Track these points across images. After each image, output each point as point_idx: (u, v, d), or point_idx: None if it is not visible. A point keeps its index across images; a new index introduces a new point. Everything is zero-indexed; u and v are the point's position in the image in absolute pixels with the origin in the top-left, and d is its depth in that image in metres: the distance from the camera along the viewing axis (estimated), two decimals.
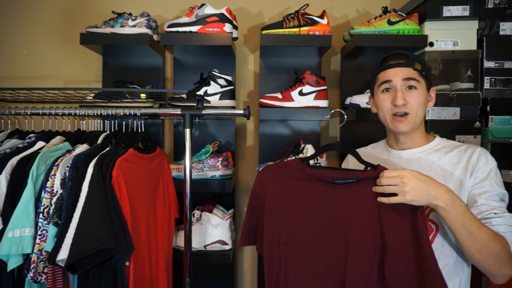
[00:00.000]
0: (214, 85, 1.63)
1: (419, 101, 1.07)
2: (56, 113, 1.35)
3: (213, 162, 1.64)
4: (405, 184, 0.91)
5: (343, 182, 1.01)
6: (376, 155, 1.22)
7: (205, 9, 1.58)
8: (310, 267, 0.99)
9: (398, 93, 1.07)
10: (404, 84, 1.08)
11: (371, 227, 0.97)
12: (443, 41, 1.60)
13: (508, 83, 1.62)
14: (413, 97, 1.07)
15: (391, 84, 1.09)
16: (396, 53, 1.12)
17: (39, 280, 1.12)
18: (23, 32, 1.91)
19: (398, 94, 1.07)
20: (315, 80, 1.61)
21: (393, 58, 1.11)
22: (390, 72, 1.09)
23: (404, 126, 1.09)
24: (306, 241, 1.00)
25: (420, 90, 1.08)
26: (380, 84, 1.11)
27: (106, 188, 1.11)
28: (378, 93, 1.13)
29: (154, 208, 1.37)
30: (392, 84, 1.09)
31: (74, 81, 1.91)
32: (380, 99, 1.12)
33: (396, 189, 0.92)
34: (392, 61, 1.10)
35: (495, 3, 1.60)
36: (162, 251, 1.39)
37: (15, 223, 1.11)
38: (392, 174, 0.93)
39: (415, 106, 1.07)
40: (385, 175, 0.94)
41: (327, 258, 0.98)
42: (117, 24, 1.60)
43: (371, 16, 1.77)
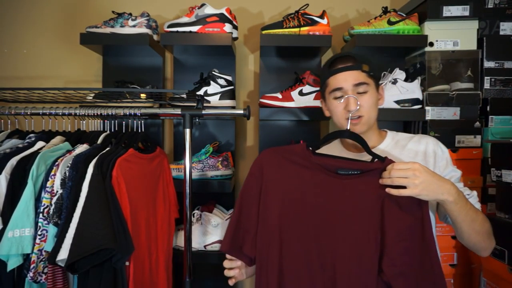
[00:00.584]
0: (214, 85, 1.63)
1: (370, 103, 1.09)
2: (56, 113, 1.35)
3: (213, 162, 1.64)
4: (416, 177, 0.91)
5: (347, 173, 0.99)
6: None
7: (205, 9, 1.58)
8: (308, 260, 0.97)
9: (350, 99, 1.07)
10: (355, 89, 1.08)
11: (373, 220, 0.95)
12: (443, 41, 1.60)
13: (508, 83, 1.62)
14: (364, 100, 1.08)
15: (343, 90, 1.09)
16: (342, 56, 1.12)
17: (39, 280, 1.12)
18: (23, 32, 1.91)
19: (350, 100, 1.07)
20: (315, 80, 1.61)
21: (340, 61, 1.11)
22: (339, 77, 1.09)
23: (359, 128, 1.09)
24: (304, 232, 0.98)
25: (370, 92, 1.09)
26: (332, 90, 1.11)
27: (106, 188, 1.12)
28: (330, 99, 1.12)
29: (154, 208, 1.37)
30: (343, 91, 1.09)
31: (74, 81, 1.91)
32: (333, 106, 1.12)
33: (407, 181, 0.91)
34: (340, 65, 1.10)
35: (495, 3, 1.60)
36: (162, 251, 1.39)
37: (15, 223, 1.11)
38: (404, 167, 0.92)
39: (367, 108, 1.08)
40: (395, 167, 0.93)
41: (325, 251, 0.96)
42: (117, 24, 1.60)
43: (371, 16, 1.77)
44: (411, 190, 0.91)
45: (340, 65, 1.10)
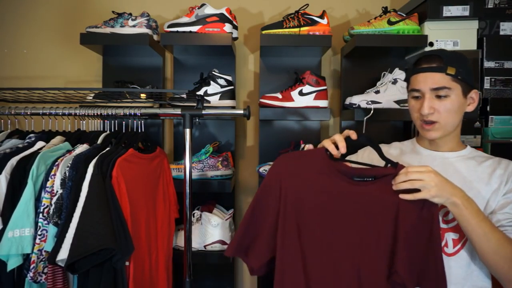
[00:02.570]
0: (214, 85, 1.63)
1: (449, 109, 1.03)
2: (56, 113, 1.35)
3: (213, 162, 1.64)
4: (432, 180, 0.91)
5: (362, 180, 0.99)
6: (407, 151, 1.18)
7: (205, 9, 1.58)
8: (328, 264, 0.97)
9: (425, 102, 1.02)
10: (433, 93, 1.03)
11: (386, 226, 0.96)
12: (443, 41, 1.60)
13: (508, 83, 1.62)
14: (442, 105, 1.02)
15: (420, 92, 1.05)
16: (429, 55, 1.05)
17: (39, 280, 1.12)
18: (23, 32, 1.91)
19: (425, 104, 1.02)
20: (315, 80, 1.61)
21: (425, 60, 1.05)
22: (420, 78, 1.04)
23: (433, 134, 1.06)
24: (323, 238, 0.98)
25: (452, 97, 1.02)
26: (410, 90, 1.08)
27: (106, 188, 1.11)
28: (409, 98, 1.10)
29: (154, 208, 1.37)
30: (420, 93, 1.05)
31: (74, 81, 1.91)
32: (411, 105, 1.09)
33: (421, 184, 0.92)
34: (424, 64, 1.04)
35: (495, 3, 1.60)
36: (162, 251, 1.39)
37: (15, 223, 1.11)
38: (419, 169, 0.93)
39: (444, 114, 1.03)
40: (411, 169, 0.93)
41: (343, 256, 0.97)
42: (117, 24, 1.60)
43: (371, 16, 1.77)
44: (426, 192, 0.91)
45: (424, 65, 1.04)
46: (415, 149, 1.17)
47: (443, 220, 1.04)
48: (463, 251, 1.03)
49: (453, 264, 1.03)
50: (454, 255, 1.03)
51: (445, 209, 1.04)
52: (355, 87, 1.77)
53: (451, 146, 1.11)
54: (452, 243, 1.03)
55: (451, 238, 1.04)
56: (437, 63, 1.02)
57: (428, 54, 1.05)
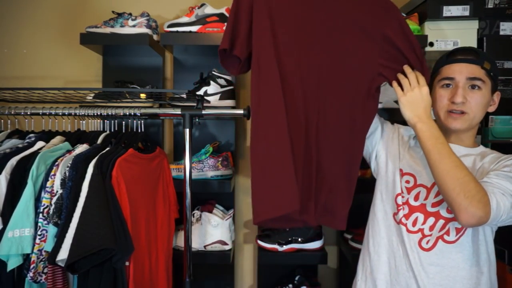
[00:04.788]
0: (214, 85, 1.63)
1: (480, 102, 1.04)
2: (56, 113, 1.35)
3: (213, 162, 1.64)
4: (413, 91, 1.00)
5: None
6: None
7: (205, 9, 1.58)
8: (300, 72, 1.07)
9: (459, 90, 1.03)
10: (467, 83, 1.03)
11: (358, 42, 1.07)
12: (443, 41, 1.60)
13: (508, 83, 1.61)
14: (474, 97, 1.03)
15: (454, 81, 1.05)
16: (465, 48, 1.08)
17: (39, 280, 1.13)
18: (23, 32, 1.90)
19: (459, 91, 1.03)
20: None
21: (461, 52, 1.07)
22: (455, 67, 1.05)
23: (459, 124, 1.06)
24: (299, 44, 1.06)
25: (483, 91, 1.04)
26: (442, 79, 1.07)
27: (106, 188, 1.12)
28: (437, 88, 1.09)
29: (154, 208, 1.37)
30: (454, 81, 1.05)
31: (74, 81, 1.91)
32: (438, 94, 1.08)
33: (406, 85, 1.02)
34: (460, 56, 1.06)
35: (495, 3, 1.60)
36: (162, 251, 1.39)
37: (15, 223, 1.11)
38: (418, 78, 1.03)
39: (474, 106, 1.04)
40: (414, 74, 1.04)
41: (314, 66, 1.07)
42: (117, 24, 1.60)
43: None
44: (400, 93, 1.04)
45: (460, 56, 1.06)
46: None
47: (447, 210, 1.05)
48: (463, 238, 1.04)
49: (453, 250, 1.04)
50: (454, 243, 1.05)
51: None
52: None
53: (468, 143, 1.12)
54: (455, 231, 1.05)
55: (454, 227, 1.05)
56: (474, 56, 1.04)
57: (463, 48, 1.08)
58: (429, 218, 1.07)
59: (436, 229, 1.06)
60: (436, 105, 1.11)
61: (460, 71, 1.04)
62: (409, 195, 1.11)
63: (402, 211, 1.10)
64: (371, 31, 1.07)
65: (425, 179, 1.11)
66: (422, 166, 1.12)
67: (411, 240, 1.08)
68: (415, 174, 1.13)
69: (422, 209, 1.09)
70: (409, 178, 1.13)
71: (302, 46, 1.06)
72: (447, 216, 1.05)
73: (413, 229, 1.08)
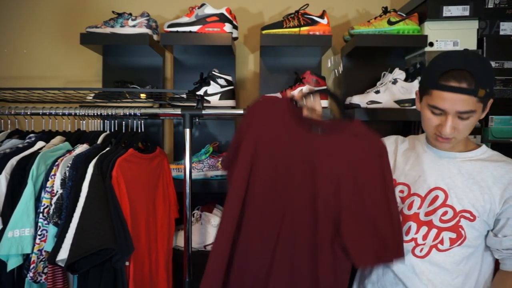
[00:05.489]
0: (214, 85, 1.63)
1: (469, 127, 1.01)
2: (56, 113, 1.35)
3: (213, 162, 1.64)
4: None
5: (319, 132, 1.05)
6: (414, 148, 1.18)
7: (205, 9, 1.58)
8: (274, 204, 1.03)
9: (448, 123, 0.98)
10: (457, 114, 0.97)
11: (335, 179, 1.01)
12: (443, 41, 1.60)
13: (508, 83, 1.62)
14: (463, 125, 0.99)
15: (444, 112, 0.99)
16: (461, 70, 0.94)
17: (39, 280, 1.13)
18: (23, 32, 1.90)
19: (448, 125, 0.98)
20: (315, 80, 1.61)
21: (455, 77, 0.94)
22: (447, 98, 0.96)
23: (446, 146, 1.05)
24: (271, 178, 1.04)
25: (473, 118, 0.99)
26: (431, 105, 1.00)
27: (106, 188, 1.12)
28: (426, 109, 1.03)
29: (154, 208, 1.37)
30: (444, 113, 0.99)
31: (74, 81, 1.91)
32: (426, 117, 1.04)
33: None
34: (453, 82, 0.94)
35: (495, 3, 1.60)
36: (162, 251, 1.39)
37: (15, 223, 1.11)
38: None
39: (462, 133, 1.01)
40: None
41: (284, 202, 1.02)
42: (117, 24, 1.60)
43: (371, 16, 1.77)
44: None
45: (453, 83, 0.94)
46: (423, 147, 1.16)
47: (441, 220, 1.05)
48: (456, 249, 1.04)
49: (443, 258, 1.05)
50: (446, 251, 1.05)
51: (443, 209, 1.05)
52: (355, 87, 1.77)
53: (459, 148, 1.10)
54: (448, 241, 1.04)
55: (448, 237, 1.04)
56: (468, 84, 0.93)
57: (456, 68, 0.95)
58: (422, 227, 1.07)
59: (430, 238, 1.06)
60: (424, 123, 1.07)
61: (453, 104, 0.96)
62: (403, 205, 1.11)
63: None
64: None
65: (418, 188, 1.10)
66: (415, 175, 1.11)
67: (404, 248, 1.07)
68: (409, 184, 1.12)
69: (415, 218, 1.08)
70: (403, 187, 1.13)
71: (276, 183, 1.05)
72: (440, 225, 1.05)
73: (406, 238, 1.08)
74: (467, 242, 1.04)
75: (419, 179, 1.10)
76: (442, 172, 1.08)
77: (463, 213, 1.03)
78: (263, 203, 1.03)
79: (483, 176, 1.04)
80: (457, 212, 1.03)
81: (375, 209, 1.00)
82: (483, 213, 1.02)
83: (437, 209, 1.05)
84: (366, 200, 1.00)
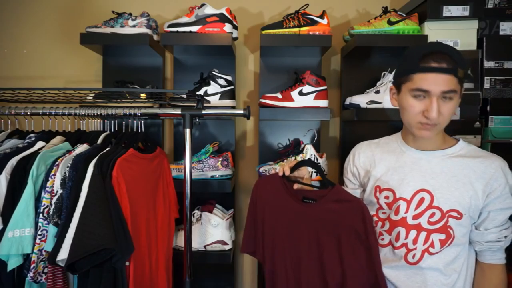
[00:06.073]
0: (214, 85, 1.63)
1: (452, 111, 1.00)
2: (56, 113, 1.35)
3: (213, 162, 1.64)
4: None
5: (308, 202, 1.15)
6: (391, 150, 1.17)
7: (205, 9, 1.58)
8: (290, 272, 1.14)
9: (434, 105, 0.97)
10: (441, 95, 0.97)
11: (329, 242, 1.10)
12: (443, 41, 1.60)
13: (508, 83, 1.62)
14: (447, 108, 0.99)
15: (428, 93, 0.98)
16: (439, 52, 0.97)
17: (39, 280, 1.13)
18: (23, 32, 1.91)
19: (434, 107, 0.97)
20: (315, 80, 1.61)
21: (435, 59, 0.96)
22: (429, 79, 0.96)
23: (430, 134, 1.03)
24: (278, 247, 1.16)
25: (455, 100, 0.99)
26: (415, 89, 0.99)
27: (106, 188, 1.11)
28: (408, 96, 1.02)
29: (154, 208, 1.37)
30: (428, 94, 0.98)
31: (74, 81, 1.91)
32: (409, 104, 1.01)
33: None
34: (433, 63, 0.96)
35: (495, 3, 1.60)
36: (162, 251, 1.39)
37: (15, 223, 1.11)
38: None
39: (446, 117, 1.00)
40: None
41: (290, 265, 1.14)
42: (117, 24, 1.60)
43: (371, 16, 1.77)
44: None
45: (434, 64, 0.96)
46: (400, 148, 1.15)
47: (429, 222, 1.05)
48: (447, 249, 1.05)
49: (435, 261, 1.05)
50: (437, 253, 1.05)
51: (430, 210, 1.05)
52: (355, 87, 1.77)
53: (438, 144, 1.10)
54: (439, 243, 1.05)
55: (437, 239, 1.04)
56: (448, 64, 0.95)
57: (435, 50, 0.97)
58: (411, 231, 1.06)
59: (420, 242, 1.05)
60: (406, 113, 1.05)
61: (435, 83, 0.96)
62: (390, 210, 1.10)
63: (382, 228, 1.12)
64: None
65: (403, 192, 1.09)
66: (398, 179, 1.11)
67: (396, 255, 1.08)
68: (393, 188, 1.11)
69: (403, 223, 1.07)
70: (387, 193, 1.12)
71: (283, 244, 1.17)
72: (429, 227, 1.05)
73: (397, 245, 1.08)
74: (456, 240, 1.04)
75: (402, 183, 1.09)
76: (424, 173, 1.08)
77: (450, 213, 1.03)
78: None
79: (465, 172, 1.05)
80: (445, 212, 1.04)
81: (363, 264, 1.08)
82: (468, 209, 1.03)
83: (425, 211, 1.05)
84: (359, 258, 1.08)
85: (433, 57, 0.96)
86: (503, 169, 1.04)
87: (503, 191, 1.03)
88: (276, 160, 1.72)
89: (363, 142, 1.26)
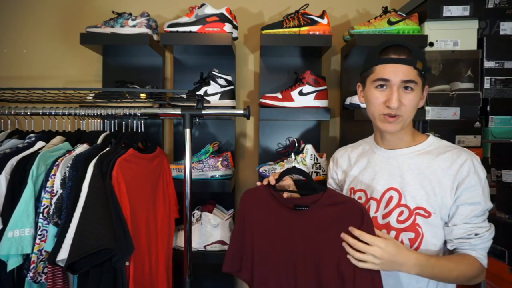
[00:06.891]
0: (214, 85, 1.63)
1: (413, 103, 1.03)
2: (56, 113, 1.35)
3: (213, 162, 1.64)
4: (376, 258, 0.93)
5: (301, 209, 1.08)
6: (364, 152, 1.20)
7: (205, 9, 1.58)
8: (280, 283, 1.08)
9: (394, 95, 1.00)
10: (401, 85, 1.01)
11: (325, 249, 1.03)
12: (443, 41, 1.60)
13: (508, 83, 1.62)
14: (408, 99, 1.01)
15: (388, 83, 1.02)
16: (398, 45, 1.03)
17: (39, 280, 1.12)
18: (23, 32, 1.91)
19: (394, 96, 1.00)
20: (315, 80, 1.61)
21: (394, 51, 1.02)
22: (389, 68, 1.01)
23: (393, 127, 1.05)
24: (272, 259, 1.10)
25: (416, 92, 1.02)
26: (376, 79, 1.04)
27: (106, 188, 1.11)
28: (371, 88, 1.06)
29: (154, 208, 1.37)
30: (389, 83, 1.02)
31: (74, 81, 1.91)
32: (373, 95, 1.05)
33: (366, 257, 0.94)
34: (393, 54, 1.02)
35: (495, 3, 1.61)
36: (162, 251, 1.39)
37: (15, 223, 1.11)
38: (369, 240, 0.94)
39: (408, 108, 1.02)
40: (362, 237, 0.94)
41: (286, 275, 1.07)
42: (117, 24, 1.60)
43: (371, 16, 1.77)
44: (370, 265, 0.94)
45: (393, 55, 1.02)
46: (372, 149, 1.18)
47: (398, 220, 1.04)
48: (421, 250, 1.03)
49: None
50: None
51: (398, 209, 1.04)
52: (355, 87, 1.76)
53: (407, 141, 1.10)
54: (408, 242, 1.03)
55: (407, 238, 1.04)
56: (406, 55, 1.01)
57: (394, 44, 1.03)
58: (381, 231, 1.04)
59: None
60: (370, 106, 1.08)
61: (395, 73, 1.00)
62: None
63: None
64: None
65: (373, 192, 1.10)
66: (369, 179, 1.12)
67: None
68: (365, 189, 1.12)
69: (374, 222, 1.05)
70: (360, 194, 1.13)
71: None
72: (398, 226, 1.04)
73: None
74: (425, 241, 1.03)
75: (372, 183, 1.11)
76: (393, 171, 1.08)
77: (417, 210, 1.03)
78: None
79: (432, 169, 1.04)
80: (412, 210, 1.03)
81: None
82: (437, 208, 1.02)
83: (393, 210, 1.05)
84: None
85: (392, 49, 1.03)
86: (472, 162, 1.02)
87: (470, 184, 1.00)
88: (276, 160, 1.72)
89: (341, 148, 1.31)
